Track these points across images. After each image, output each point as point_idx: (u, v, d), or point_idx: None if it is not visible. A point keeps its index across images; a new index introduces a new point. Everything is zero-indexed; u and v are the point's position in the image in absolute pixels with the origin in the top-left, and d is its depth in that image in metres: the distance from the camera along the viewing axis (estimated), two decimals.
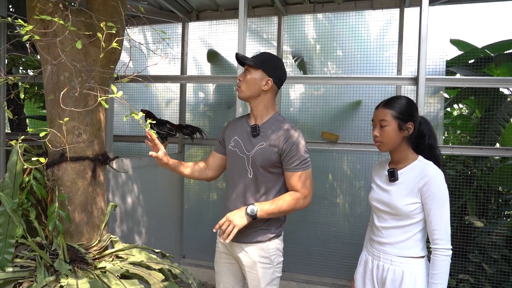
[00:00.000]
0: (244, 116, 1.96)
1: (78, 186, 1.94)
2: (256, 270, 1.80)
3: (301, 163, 1.74)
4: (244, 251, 1.82)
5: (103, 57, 1.78)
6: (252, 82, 1.78)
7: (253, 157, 1.77)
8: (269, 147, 1.76)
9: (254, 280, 1.82)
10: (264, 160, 1.75)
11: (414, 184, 1.57)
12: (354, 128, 3.37)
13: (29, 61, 4.72)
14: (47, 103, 1.94)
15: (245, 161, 1.80)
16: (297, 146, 1.74)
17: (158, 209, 3.21)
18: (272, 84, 1.80)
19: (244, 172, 1.80)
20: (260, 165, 1.76)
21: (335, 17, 3.45)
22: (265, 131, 1.79)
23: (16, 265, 1.77)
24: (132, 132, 3.99)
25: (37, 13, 1.77)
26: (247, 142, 1.82)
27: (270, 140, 1.76)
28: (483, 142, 3.38)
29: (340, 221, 3.43)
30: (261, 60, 1.80)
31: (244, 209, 1.71)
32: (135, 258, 1.98)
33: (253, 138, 1.80)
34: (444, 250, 1.52)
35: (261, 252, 1.80)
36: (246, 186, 1.80)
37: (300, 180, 1.74)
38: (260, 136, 1.79)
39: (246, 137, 1.83)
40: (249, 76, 1.80)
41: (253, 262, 1.80)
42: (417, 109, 1.67)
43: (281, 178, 1.81)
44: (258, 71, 1.79)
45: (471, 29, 19.16)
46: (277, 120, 1.82)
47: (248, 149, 1.80)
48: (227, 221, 1.69)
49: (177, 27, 3.83)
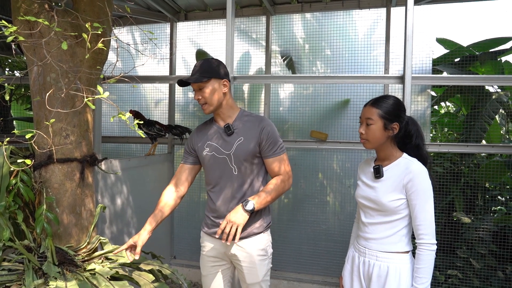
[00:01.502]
0: (208, 121, 1.96)
1: (66, 188, 1.93)
2: (254, 263, 1.83)
3: (279, 148, 1.84)
4: (240, 247, 1.83)
5: (90, 58, 1.77)
6: (212, 93, 1.78)
7: (235, 154, 1.81)
8: (248, 140, 1.80)
9: (252, 273, 1.84)
10: (246, 153, 1.80)
11: (399, 180, 1.60)
12: (343, 126, 3.40)
13: (15, 62, 4.65)
14: (34, 104, 1.92)
15: (227, 160, 1.82)
16: (273, 133, 1.83)
17: (148, 210, 3.18)
18: (227, 82, 1.84)
19: (228, 171, 1.83)
20: (244, 159, 1.80)
21: (323, 17, 3.48)
22: (238, 127, 1.84)
23: (3, 269, 1.75)
24: (120, 133, 3.96)
25: (22, 14, 1.76)
26: (223, 142, 1.84)
27: (247, 134, 1.81)
28: (469, 139, 3.44)
29: (330, 219, 3.45)
30: (206, 71, 1.78)
31: (241, 206, 1.73)
32: (125, 259, 1.97)
33: (228, 137, 1.83)
34: (428, 245, 1.54)
35: (257, 244, 1.84)
36: (233, 183, 1.83)
37: (282, 163, 1.84)
38: (235, 133, 1.83)
39: (220, 138, 1.85)
40: (206, 90, 1.78)
41: (250, 256, 1.83)
42: (405, 110, 1.69)
43: (262, 166, 1.87)
44: (210, 82, 1.78)
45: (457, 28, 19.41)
46: (244, 115, 1.88)
47: (227, 148, 1.82)
48: (229, 223, 1.70)
49: (165, 27, 3.82)
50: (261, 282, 1.87)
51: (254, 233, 1.84)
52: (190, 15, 3.74)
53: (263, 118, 1.86)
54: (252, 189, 1.84)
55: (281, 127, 3.62)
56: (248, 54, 3.77)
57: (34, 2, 1.79)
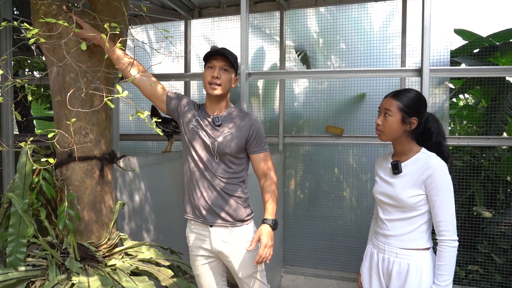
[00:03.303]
0: (200, 105, 1.96)
1: (86, 185, 1.97)
2: (243, 256, 1.82)
3: (266, 144, 1.89)
4: (224, 242, 1.83)
5: (108, 58, 1.79)
6: (228, 81, 1.85)
7: (219, 144, 1.80)
8: (235, 135, 1.81)
9: (243, 267, 1.83)
10: (231, 148, 1.80)
11: (418, 176, 1.57)
12: (359, 121, 3.37)
13: (35, 63, 4.76)
14: (54, 104, 1.96)
15: (210, 146, 1.81)
16: (261, 130, 1.87)
17: (166, 206, 3.23)
18: (237, 80, 1.93)
19: (211, 156, 1.82)
20: (227, 152, 1.80)
21: (337, 10, 3.44)
22: (227, 121, 1.85)
23: (28, 264, 1.81)
24: (138, 130, 4.02)
25: (42, 16, 1.79)
26: (212, 129, 1.84)
27: (235, 128, 1.82)
28: (489, 132, 3.36)
29: (347, 215, 3.43)
30: (236, 60, 1.87)
31: (268, 227, 1.73)
32: (144, 255, 2.01)
33: (216, 127, 1.84)
34: (450, 241, 1.51)
35: (243, 237, 1.84)
36: (213, 168, 1.82)
37: (268, 159, 1.87)
38: (223, 126, 1.83)
39: (209, 124, 1.85)
40: (228, 75, 1.84)
41: (237, 250, 1.82)
42: (426, 105, 1.64)
43: (245, 162, 1.90)
44: (233, 71, 1.87)
45: (475, 18, 18.91)
46: (234, 109, 1.91)
47: (214, 135, 1.81)
48: (267, 248, 1.70)
49: (179, 25, 3.84)
50: (254, 274, 1.85)
51: (240, 220, 1.84)
52: (204, 12, 3.76)
53: (250, 115, 1.90)
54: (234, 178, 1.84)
55: (296, 123, 3.61)
56: (262, 49, 3.77)
57: (53, 3, 1.82)
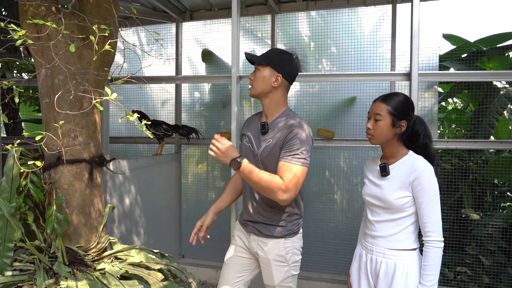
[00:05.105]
0: (259, 113, 1.95)
1: (75, 189, 1.94)
2: (270, 267, 1.82)
3: (295, 156, 1.65)
4: (260, 246, 1.84)
5: (97, 60, 1.78)
6: (262, 79, 1.78)
7: (261, 154, 1.78)
8: (274, 143, 1.75)
9: (267, 276, 1.85)
10: (270, 158, 1.75)
11: (405, 178, 1.60)
12: (350, 124, 3.39)
13: (23, 64, 4.70)
14: (42, 106, 1.94)
15: (255, 156, 1.81)
16: (296, 138, 1.67)
17: (156, 210, 3.21)
18: (282, 80, 1.78)
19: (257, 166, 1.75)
20: (268, 162, 1.76)
21: (328, 14, 3.47)
22: (273, 128, 1.79)
23: (15, 269, 1.78)
24: (128, 133, 3.99)
25: (30, 17, 1.77)
26: (257, 139, 1.83)
27: (275, 137, 1.75)
28: (477, 135, 3.41)
29: (338, 217, 3.45)
30: (268, 57, 1.80)
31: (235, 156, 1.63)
32: (134, 259, 1.99)
33: (262, 135, 1.81)
34: (436, 242, 1.54)
35: (276, 250, 1.81)
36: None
37: (288, 171, 1.63)
38: (268, 134, 1.79)
39: (257, 134, 1.84)
40: (258, 74, 1.80)
41: (267, 259, 1.82)
42: (413, 108, 1.68)
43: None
44: (266, 68, 1.78)
45: (464, 23, 19.23)
46: (286, 115, 1.80)
47: (257, 145, 1.81)
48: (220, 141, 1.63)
49: (171, 28, 3.83)
50: (276, 287, 1.84)
51: (274, 236, 1.81)
52: (195, 15, 3.75)
53: (298, 124, 1.73)
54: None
55: None
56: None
57: (41, 5, 1.81)
